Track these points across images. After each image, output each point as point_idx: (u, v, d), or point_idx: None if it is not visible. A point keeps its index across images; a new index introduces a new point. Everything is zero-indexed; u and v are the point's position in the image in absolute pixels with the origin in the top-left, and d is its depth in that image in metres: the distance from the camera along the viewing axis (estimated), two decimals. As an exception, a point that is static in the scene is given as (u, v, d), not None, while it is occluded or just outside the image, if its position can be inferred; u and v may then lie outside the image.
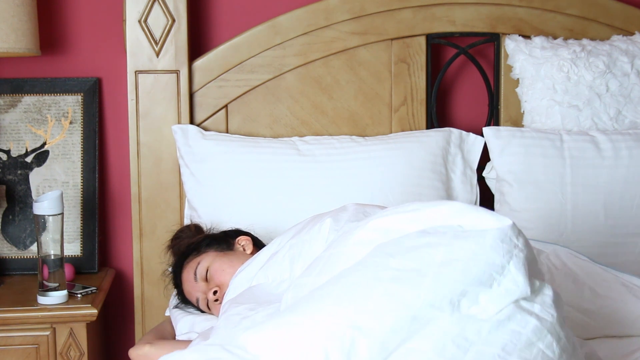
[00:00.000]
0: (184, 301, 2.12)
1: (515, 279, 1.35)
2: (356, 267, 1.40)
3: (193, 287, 2.06)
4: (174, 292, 2.18)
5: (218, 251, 2.08)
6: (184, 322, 2.05)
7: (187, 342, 1.90)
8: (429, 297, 1.30)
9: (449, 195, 2.44)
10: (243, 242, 2.12)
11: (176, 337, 2.06)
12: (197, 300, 2.05)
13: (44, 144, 2.53)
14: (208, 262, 2.04)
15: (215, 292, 1.99)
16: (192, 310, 2.10)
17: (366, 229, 1.51)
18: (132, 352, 1.96)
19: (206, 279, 2.04)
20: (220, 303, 1.93)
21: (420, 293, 1.31)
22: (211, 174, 2.40)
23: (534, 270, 1.44)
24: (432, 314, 1.30)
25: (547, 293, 1.41)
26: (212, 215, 2.37)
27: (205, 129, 2.47)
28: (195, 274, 2.05)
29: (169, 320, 2.19)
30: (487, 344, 1.29)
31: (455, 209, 1.47)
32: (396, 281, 1.33)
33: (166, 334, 2.10)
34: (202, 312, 2.08)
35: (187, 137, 2.42)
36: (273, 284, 1.77)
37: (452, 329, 1.30)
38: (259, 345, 1.34)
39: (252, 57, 2.50)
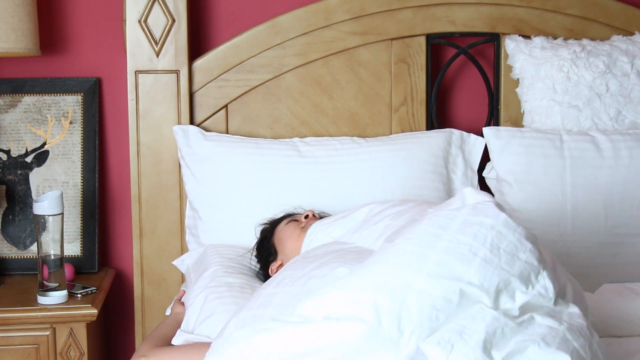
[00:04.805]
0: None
1: (547, 286, 1.43)
2: (409, 235, 1.46)
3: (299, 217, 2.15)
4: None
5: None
6: (190, 312, 1.99)
7: (184, 347, 1.88)
8: (479, 277, 1.37)
9: (449, 197, 2.44)
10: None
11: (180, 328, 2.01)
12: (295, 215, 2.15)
13: (44, 144, 2.53)
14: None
15: (307, 216, 2.10)
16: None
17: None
18: None
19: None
20: (308, 222, 2.06)
21: (470, 270, 1.37)
22: (212, 175, 2.39)
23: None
24: (479, 295, 1.37)
25: (573, 310, 1.48)
26: (213, 216, 2.37)
27: (206, 129, 2.47)
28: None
29: (167, 322, 2.16)
30: (528, 335, 1.36)
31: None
32: (448, 252, 1.40)
33: (163, 339, 2.05)
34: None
35: (188, 138, 2.42)
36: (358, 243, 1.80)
37: (498, 316, 1.36)
38: (310, 306, 1.38)
39: (252, 57, 2.50)
